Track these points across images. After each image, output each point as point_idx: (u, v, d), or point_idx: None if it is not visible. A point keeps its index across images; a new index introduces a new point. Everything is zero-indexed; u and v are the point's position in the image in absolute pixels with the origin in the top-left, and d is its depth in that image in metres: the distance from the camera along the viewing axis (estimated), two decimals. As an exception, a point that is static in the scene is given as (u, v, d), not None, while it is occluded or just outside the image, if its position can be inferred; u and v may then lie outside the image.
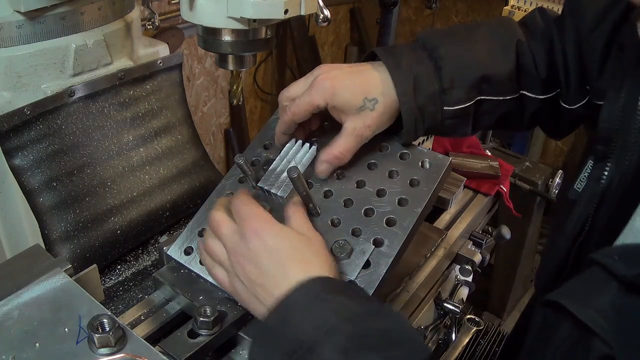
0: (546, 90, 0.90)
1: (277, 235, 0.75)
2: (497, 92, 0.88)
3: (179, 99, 1.19)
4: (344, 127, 0.86)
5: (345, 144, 0.86)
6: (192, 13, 0.86)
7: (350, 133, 0.85)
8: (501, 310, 2.80)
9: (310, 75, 0.87)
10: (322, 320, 0.64)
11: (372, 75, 0.86)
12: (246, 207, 0.78)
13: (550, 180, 2.14)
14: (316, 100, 0.84)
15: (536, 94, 0.89)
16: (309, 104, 0.84)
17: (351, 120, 0.85)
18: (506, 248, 2.50)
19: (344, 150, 0.87)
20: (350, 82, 0.84)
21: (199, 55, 2.63)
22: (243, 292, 0.77)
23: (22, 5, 0.88)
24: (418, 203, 0.86)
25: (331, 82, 0.83)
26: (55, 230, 0.97)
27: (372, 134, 0.87)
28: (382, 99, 0.84)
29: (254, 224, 0.75)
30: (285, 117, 0.89)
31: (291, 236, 0.76)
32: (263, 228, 0.75)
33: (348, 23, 3.63)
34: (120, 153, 1.07)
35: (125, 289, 1.00)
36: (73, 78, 1.00)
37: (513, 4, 2.20)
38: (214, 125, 2.91)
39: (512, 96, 0.89)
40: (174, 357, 0.78)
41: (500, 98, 0.88)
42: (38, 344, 0.68)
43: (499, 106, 0.89)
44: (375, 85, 0.85)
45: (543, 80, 0.88)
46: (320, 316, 0.65)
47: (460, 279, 1.25)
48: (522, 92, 0.90)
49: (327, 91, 0.83)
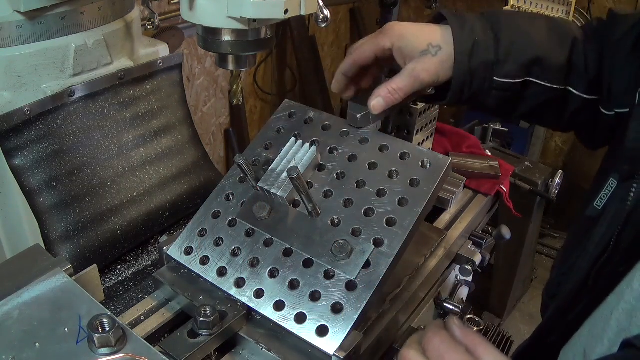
0: (590, 91, 0.91)
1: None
2: (546, 77, 0.90)
3: (179, 99, 1.19)
4: (404, 68, 0.89)
5: (401, 81, 0.88)
6: (192, 13, 0.86)
7: (409, 73, 0.88)
8: (501, 310, 2.80)
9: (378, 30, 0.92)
10: None
11: (440, 30, 0.89)
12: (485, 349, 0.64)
13: (550, 180, 2.14)
14: (383, 41, 0.89)
15: (581, 92, 0.91)
16: (376, 44, 0.89)
17: (412, 62, 0.88)
18: (506, 248, 2.50)
19: (398, 88, 0.89)
20: (417, 29, 0.89)
21: (199, 55, 2.63)
22: None
23: (22, 5, 0.88)
24: (418, 203, 0.86)
25: (400, 27, 0.89)
26: (55, 230, 0.97)
27: (428, 79, 0.89)
28: (445, 48, 0.87)
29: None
30: (350, 59, 0.92)
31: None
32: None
33: (348, 23, 3.63)
34: (120, 153, 1.07)
35: (125, 289, 1.00)
36: (73, 78, 1.00)
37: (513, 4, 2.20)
38: (214, 125, 2.91)
39: (559, 86, 0.91)
40: (174, 357, 0.78)
41: (548, 85, 0.90)
42: (38, 344, 0.68)
43: (544, 93, 0.91)
44: (442, 36, 0.88)
45: (590, 80, 0.90)
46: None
47: (460, 279, 1.24)
48: (568, 88, 0.91)
49: (395, 33, 0.88)
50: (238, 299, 0.84)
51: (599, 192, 0.79)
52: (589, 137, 0.99)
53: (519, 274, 2.65)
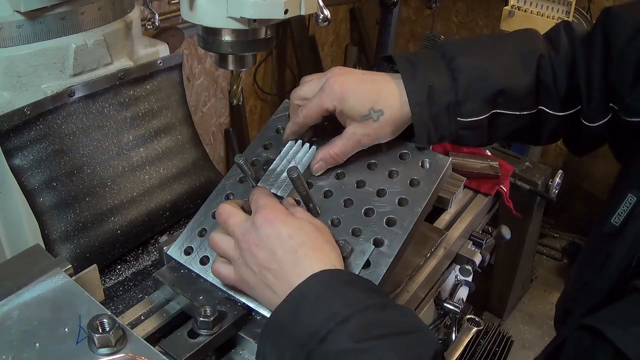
0: (565, 107, 0.88)
1: (290, 224, 0.76)
2: (513, 106, 0.87)
3: (179, 99, 1.19)
4: (345, 130, 0.88)
5: (342, 146, 0.88)
6: (192, 13, 0.86)
7: (349, 138, 0.87)
8: (501, 310, 2.80)
9: (322, 76, 0.88)
10: (334, 311, 0.66)
11: (385, 85, 0.86)
12: (265, 198, 0.81)
13: (550, 180, 2.14)
14: (326, 104, 0.85)
15: (555, 111, 0.88)
16: (319, 107, 0.86)
17: (353, 126, 0.86)
18: (506, 248, 2.50)
19: (340, 152, 0.89)
20: (360, 90, 0.85)
21: (199, 55, 2.63)
22: (252, 279, 0.77)
23: (22, 5, 0.88)
24: (418, 203, 0.86)
25: (341, 87, 0.85)
26: (55, 230, 0.97)
27: (370, 143, 0.88)
28: (388, 112, 0.85)
29: (268, 213, 0.77)
30: (298, 120, 0.90)
31: (304, 225, 0.78)
32: (277, 217, 0.77)
33: (348, 23, 3.63)
34: (120, 153, 1.07)
35: (125, 289, 1.00)
36: (73, 78, 1.00)
37: (513, 4, 2.19)
38: (214, 125, 2.91)
39: (529, 112, 0.88)
40: (174, 357, 0.78)
41: (517, 113, 0.88)
42: (38, 344, 0.67)
43: (515, 120, 0.89)
44: (385, 96, 0.85)
45: (562, 97, 0.87)
46: (333, 307, 0.66)
47: (460, 279, 1.24)
48: (541, 108, 0.88)
49: (336, 95, 0.85)
50: (238, 299, 0.84)
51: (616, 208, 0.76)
52: (574, 145, 0.97)
53: (519, 274, 2.65)
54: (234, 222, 0.79)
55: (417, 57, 0.88)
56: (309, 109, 0.87)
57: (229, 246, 0.80)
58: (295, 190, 0.86)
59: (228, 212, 0.81)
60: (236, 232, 0.78)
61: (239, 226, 0.78)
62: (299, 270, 0.72)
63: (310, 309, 0.68)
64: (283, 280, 0.73)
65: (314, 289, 0.70)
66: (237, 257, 0.79)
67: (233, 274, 0.80)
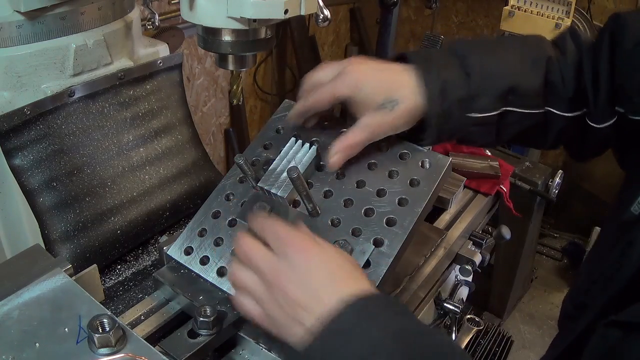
0: (572, 108, 0.89)
1: (320, 253, 0.73)
2: (523, 104, 0.88)
3: (179, 99, 1.19)
4: (358, 121, 0.87)
5: (356, 136, 0.87)
6: (192, 13, 0.86)
7: (363, 128, 0.86)
8: (501, 310, 2.80)
9: (339, 65, 0.88)
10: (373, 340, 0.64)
11: (400, 76, 0.87)
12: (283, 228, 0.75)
13: (550, 180, 2.14)
14: (340, 92, 0.85)
15: (562, 111, 0.89)
16: (331, 94, 0.86)
17: (367, 116, 0.86)
18: (506, 248, 2.50)
19: (355, 143, 0.88)
20: (376, 79, 0.85)
21: (199, 55, 2.63)
22: (281, 317, 0.71)
23: (22, 5, 0.88)
24: (418, 203, 0.86)
25: (357, 76, 0.85)
26: (55, 230, 0.97)
27: (383, 134, 0.88)
28: (402, 102, 0.85)
29: (298, 243, 0.72)
30: (306, 103, 0.89)
31: (333, 252, 0.74)
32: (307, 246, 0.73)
33: (348, 23, 3.63)
34: (120, 153, 1.07)
35: (125, 289, 1.00)
36: (73, 78, 1.00)
37: (513, 4, 2.19)
38: (214, 125, 2.91)
39: (537, 110, 0.89)
40: (174, 357, 0.78)
41: (526, 111, 0.88)
42: (38, 344, 0.68)
43: (524, 119, 0.89)
44: (401, 86, 0.85)
45: (570, 98, 0.88)
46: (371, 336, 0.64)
47: (460, 279, 1.25)
48: (548, 109, 0.89)
49: (352, 84, 0.85)
50: (238, 299, 0.84)
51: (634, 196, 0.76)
52: (577, 150, 0.98)
53: (519, 274, 2.65)
54: (257, 256, 0.73)
55: (431, 53, 0.90)
56: (321, 94, 0.87)
57: (252, 281, 0.74)
58: (295, 190, 0.86)
59: (248, 246, 0.74)
60: (263, 267, 0.72)
61: (264, 260, 0.73)
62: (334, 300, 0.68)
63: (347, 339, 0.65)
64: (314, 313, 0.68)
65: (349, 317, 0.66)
66: (263, 294, 0.73)
67: (259, 311, 0.74)
